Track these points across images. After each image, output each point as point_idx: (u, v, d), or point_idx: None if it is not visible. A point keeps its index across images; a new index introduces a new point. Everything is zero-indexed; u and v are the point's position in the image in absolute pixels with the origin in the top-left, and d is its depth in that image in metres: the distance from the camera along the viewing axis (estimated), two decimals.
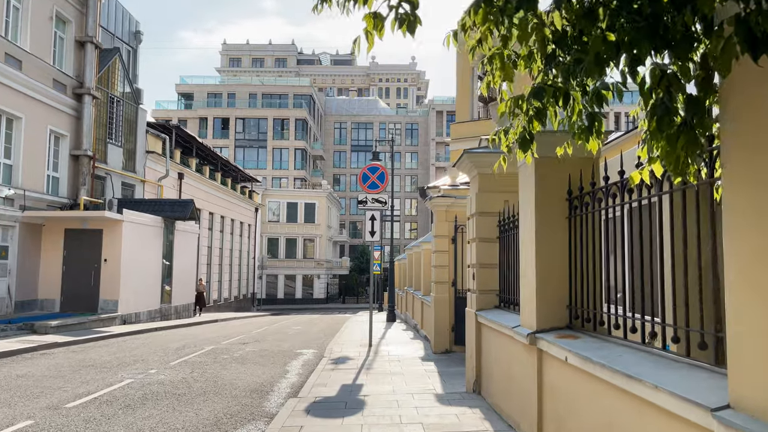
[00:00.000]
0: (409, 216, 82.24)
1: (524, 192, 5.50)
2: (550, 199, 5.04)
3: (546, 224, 5.03)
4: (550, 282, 4.99)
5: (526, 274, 5.35)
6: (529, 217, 5.22)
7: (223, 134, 71.08)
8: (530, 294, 5.17)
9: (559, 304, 4.97)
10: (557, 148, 3.77)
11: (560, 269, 4.97)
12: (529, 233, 5.24)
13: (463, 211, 12.56)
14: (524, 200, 5.50)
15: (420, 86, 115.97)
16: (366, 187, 13.55)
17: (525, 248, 5.41)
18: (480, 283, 7.74)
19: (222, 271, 36.49)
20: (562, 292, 4.97)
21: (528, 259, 5.27)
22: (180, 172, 28.09)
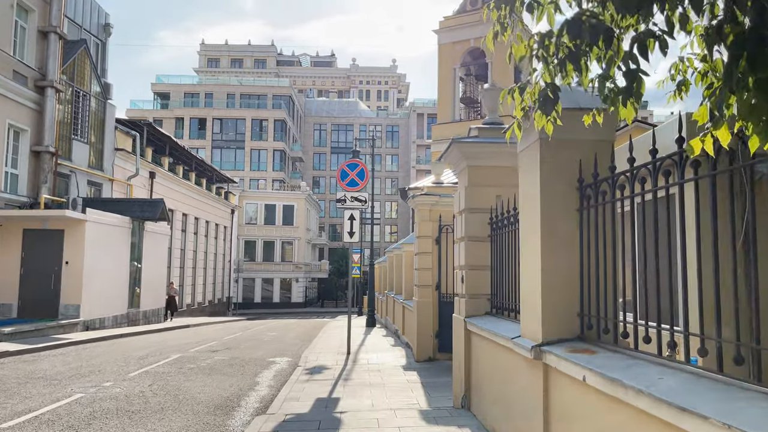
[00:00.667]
0: (389, 219, 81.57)
1: (526, 180, 4.74)
2: (558, 188, 4.28)
3: (553, 217, 4.27)
4: (557, 285, 4.23)
5: (529, 275, 4.59)
6: (533, 209, 4.46)
7: (200, 135, 69.72)
8: (534, 299, 4.41)
9: (569, 312, 4.22)
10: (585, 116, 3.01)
11: (570, 270, 4.22)
12: (532, 228, 4.48)
13: (447, 210, 11.83)
14: (526, 190, 4.74)
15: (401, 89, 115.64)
16: (345, 184, 12.75)
17: (527, 246, 4.65)
18: (469, 286, 6.98)
19: (196, 275, 35.34)
20: (572, 297, 4.22)
21: (531, 259, 4.51)
22: (151, 171, 26.98)
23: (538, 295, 4.31)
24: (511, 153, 7.18)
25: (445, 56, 42.06)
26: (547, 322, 4.23)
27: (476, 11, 40.90)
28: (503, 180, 7.01)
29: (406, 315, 14.32)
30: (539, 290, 4.28)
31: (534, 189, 4.45)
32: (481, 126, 7.20)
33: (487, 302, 6.94)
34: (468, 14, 40.92)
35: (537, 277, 4.33)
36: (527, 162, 4.71)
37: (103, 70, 24.46)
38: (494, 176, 7.02)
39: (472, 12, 40.97)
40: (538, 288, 4.29)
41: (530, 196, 4.58)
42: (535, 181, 4.44)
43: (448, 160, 7.52)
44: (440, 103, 42.51)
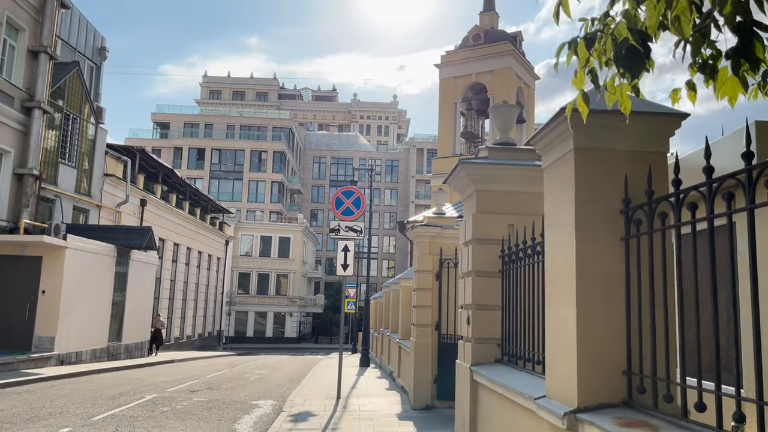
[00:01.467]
0: (387, 254, 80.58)
1: (555, 203, 3.87)
2: (597, 212, 3.41)
3: (591, 248, 3.39)
4: (598, 334, 3.32)
5: (558, 321, 3.68)
6: (564, 238, 3.59)
7: (198, 165, 69.25)
8: (565, 351, 3.49)
9: (612, 369, 3.30)
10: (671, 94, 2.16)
11: (613, 315, 3.32)
12: (563, 262, 3.59)
13: (449, 243, 10.95)
14: (555, 215, 3.86)
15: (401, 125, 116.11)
16: (339, 213, 11.89)
17: (555, 284, 3.75)
18: (477, 329, 6.04)
19: (186, 307, 34.18)
20: (616, 350, 3.30)
21: (561, 300, 3.61)
22: (143, 198, 26.14)
23: (571, 346, 3.39)
24: (527, 177, 6.36)
25: (446, 90, 41.74)
26: (585, 381, 3.30)
27: (478, 46, 40.78)
28: (517, 207, 6.16)
29: (403, 356, 13.29)
30: (573, 340, 3.36)
31: (566, 213, 3.57)
32: (492, 146, 6.38)
33: (497, 348, 6.00)
34: (470, 49, 40.76)
35: (570, 324, 3.42)
36: (557, 180, 3.84)
37: (96, 94, 23.87)
38: (506, 202, 6.17)
39: (474, 47, 40.82)
40: (572, 337, 3.37)
41: (560, 223, 3.70)
42: (567, 204, 3.56)
43: (454, 184, 6.67)
44: (441, 136, 42.00)
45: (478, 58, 40.16)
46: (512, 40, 40.85)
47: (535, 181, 6.28)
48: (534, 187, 6.26)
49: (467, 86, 40.95)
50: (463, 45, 41.68)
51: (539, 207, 6.44)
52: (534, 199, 6.31)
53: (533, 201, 6.32)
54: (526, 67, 41.99)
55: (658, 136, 3.47)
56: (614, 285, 3.35)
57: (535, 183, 6.25)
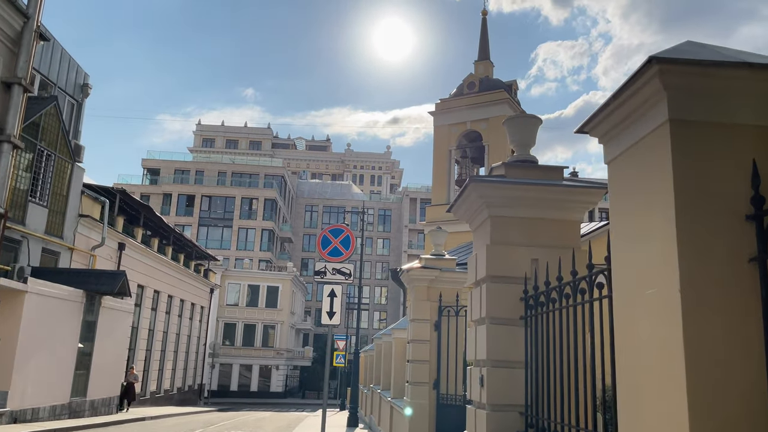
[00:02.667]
0: (378, 305, 78.76)
1: (635, 207, 2.62)
2: (711, 220, 2.19)
3: (705, 276, 2.14)
4: (721, 407, 2.04)
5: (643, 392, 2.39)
6: (653, 259, 2.34)
7: (187, 212, 68.01)
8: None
9: None
10: None
11: (743, 370, 2.05)
12: (653, 299, 2.33)
13: (450, 288, 9.65)
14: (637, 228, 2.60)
15: (394, 175, 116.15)
16: (326, 254, 10.60)
17: (635, 332, 2.48)
18: (493, 392, 4.70)
19: (165, 359, 32.23)
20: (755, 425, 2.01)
21: (647, 357, 2.33)
22: (121, 242, 24.74)
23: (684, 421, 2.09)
24: (555, 201, 5.13)
25: (440, 138, 41.15)
26: None
27: (473, 94, 40.48)
28: (542, 237, 4.94)
29: (396, 419, 11.74)
30: (685, 412, 2.06)
31: (659, 224, 2.32)
32: (510, 163, 5.19)
33: (520, 417, 4.65)
34: (465, 97, 40.41)
35: (679, 389, 2.13)
36: (637, 174, 2.59)
37: (76, 132, 22.80)
38: (529, 232, 4.95)
39: (469, 95, 40.50)
40: (683, 410, 2.08)
41: (647, 237, 2.44)
42: (659, 207, 2.32)
43: (462, 210, 5.44)
44: (435, 184, 41.17)
45: (473, 105, 39.75)
46: (507, 88, 40.60)
47: (566, 206, 5.07)
48: (564, 212, 5.05)
49: (462, 134, 40.41)
50: (458, 93, 41.37)
51: (570, 238, 5.22)
52: (564, 228, 5.09)
53: (563, 230, 5.09)
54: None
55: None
56: (742, 328, 2.08)
57: (565, 208, 5.05)
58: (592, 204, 5.06)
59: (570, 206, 5.01)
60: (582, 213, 5.09)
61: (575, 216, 5.07)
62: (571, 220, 5.07)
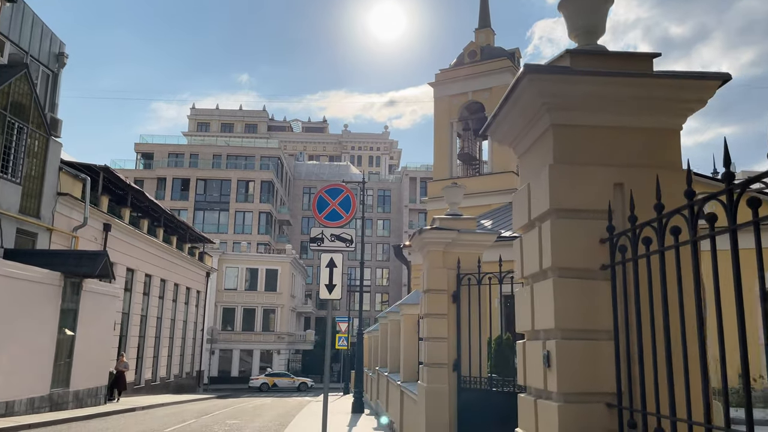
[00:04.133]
0: (380, 286, 77.64)
1: None
2: None
3: None
4: None
5: None
6: None
7: (182, 196, 66.48)
8: None
9: None
10: None
11: None
12: None
13: (470, 252, 8.17)
14: None
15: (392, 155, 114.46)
16: (323, 218, 9.11)
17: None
18: (567, 375, 3.22)
19: (160, 345, 30.90)
20: None
21: None
22: (106, 222, 23.23)
23: None
24: (647, 100, 3.63)
25: (441, 110, 39.45)
26: None
27: (474, 63, 38.73)
28: (628, 154, 3.46)
29: (407, 405, 10.33)
30: None
31: None
32: (576, 50, 3.65)
33: (608, 411, 3.18)
34: (466, 66, 38.66)
35: None
36: None
37: (53, 104, 21.19)
38: (610, 146, 3.45)
39: (471, 64, 38.76)
40: None
41: None
42: None
43: (505, 124, 3.91)
44: (436, 159, 39.53)
45: (474, 75, 38.04)
46: (510, 56, 38.85)
47: (662, 108, 3.53)
48: (659, 117, 3.52)
49: (463, 105, 38.72)
50: (459, 62, 39.62)
51: (667, 153, 3.72)
52: (658, 140, 3.60)
53: (657, 142, 3.61)
54: None
55: None
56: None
57: (661, 110, 3.49)
58: (700, 103, 3.54)
59: (668, 108, 3.49)
60: (683, 118, 3.56)
61: (674, 122, 3.55)
62: (669, 129, 3.56)
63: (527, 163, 3.97)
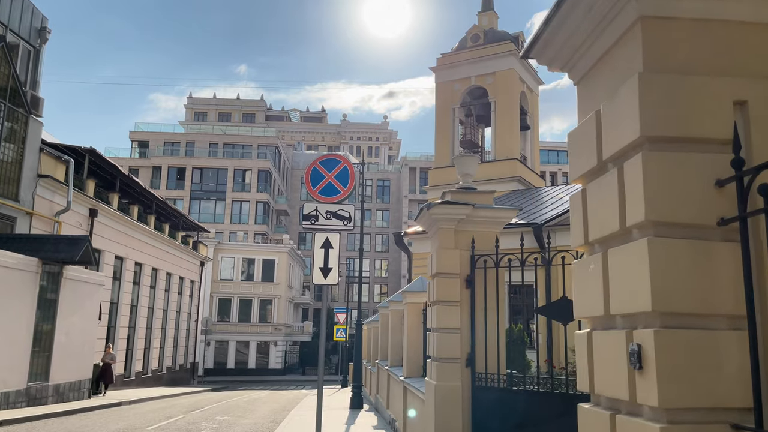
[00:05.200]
0: (378, 278, 76.76)
1: None
2: None
3: None
4: None
5: None
6: None
7: (178, 185, 65.31)
8: None
9: None
10: None
11: None
12: None
13: (486, 231, 7.11)
14: None
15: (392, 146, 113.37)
16: (317, 192, 8.02)
17: None
18: (670, 380, 2.15)
19: (152, 336, 29.85)
20: None
21: None
22: (93, 207, 22.11)
23: None
24: None
25: (443, 95, 38.22)
26: None
27: (477, 47, 37.51)
28: (750, 58, 2.38)
29: (412, 403, 9.27)
30: None
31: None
32: None
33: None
34: (469, 50, 37.43)
35: None
36: None
37: (34, 82, 19.99)
38: (722, 47, 2.38)
39: (474, 48, 37.54)
40: None
41: None
42: None
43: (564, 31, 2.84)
44: (438, 146, 38.32)
45: (477, 59, 36.80)
46: (514, 40, 37.62)
47: None
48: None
49: (466, 90, 37.52)
50: (461, 46, 38.37)
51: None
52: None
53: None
54: (529, 70, 38.66)
55: None
56: None
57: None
58: None
59: None
60: None
61: None
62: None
63: (593, 84, 2.87)
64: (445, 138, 37.76)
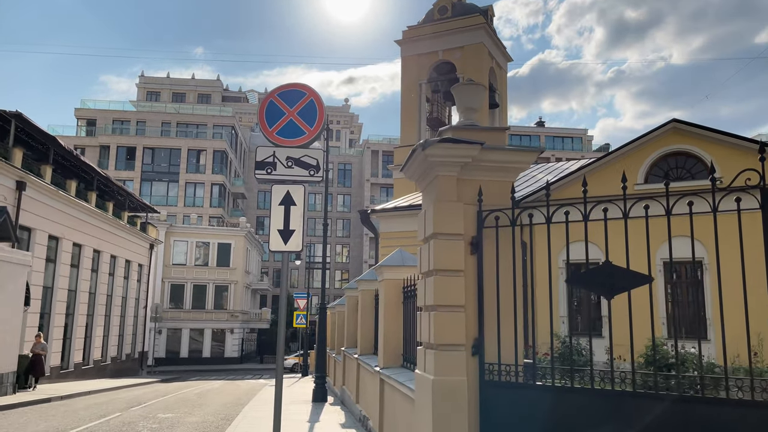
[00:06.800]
0: (340, 263, 75.10)
1: None
2: None
3: None
4: None
5: None
6: None
7: (128, 165, 61.95)
8: None
9: None
10: None
11: None
12: None
13: (498, 181, 5.45)
14: None
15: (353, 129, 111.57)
16: (275, 133, 6.19)
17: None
18: None
19: (94, 324, 27.41)
20: None
21: None
22: (20, 179, 19.62)
23: None
24: None
25: (409, 70, 36.46)
26: None
27: (445, 20, 35.89)
28: None
29: (393, 402, 7.56)
30: None
31: None
32: None
33: None
34: (436, 23, 35.76)
35: None
36: None
37: None
38: None
39: (441, 21, 35.88)
40: None
41: None
42: None
43: None
44: (404, 123, 36.55)
45: (445, 32, 35.21)
46: (483, 13, 36.20)
47: None
48: None
49: (433, 66, 35.86)
50: (428, 19, 36.71)
51: None
52: None
53: None
54: (498, 45, 37.30)
55: None
56: None
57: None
58: None
59: None
60: None
61: None
62: None
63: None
64: (411, 115, 36.11)
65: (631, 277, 4.69)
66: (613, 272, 4.72)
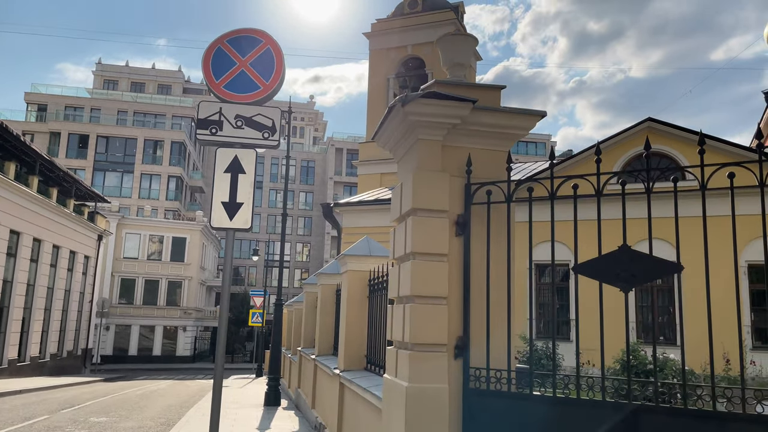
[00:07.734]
0: (300, 262, 73.68)
1: None
2: None
3: None
4: None
5: None
6: None
7: (80, 154, 59.23)
8: None
9: None
10: None
11: None
12: None
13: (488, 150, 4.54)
14: None
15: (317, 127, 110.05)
16: (222, 87, 5.15)
17: None
18: None
19: (31, 318, 25.55)
20: None
21: None
22: None
23: None
24: None
25: (377, 64, 35.58)
26: None
27: (415, 14, 35.13)
28: None
29: (360, 413, 6.56)
30: None
31: None
32: None
33: None
34: (406, 17, 34.96)
35: None
36: None
37: None
38: None
39: (411, 15, 35.12)
40: None
41: None
42: None
43: None
44: (370, 118, 35.54)
45: (415, 27, 34.46)
46: (454, 9, 35.60)
47: None
48: None
49: (402, 60, 35.05)
50: (398, 12, 35.88)
51: None
52: None
53: None
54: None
55: None
56: None
57: None
58: None
59: None
60: None
61: None
62: None
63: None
64: (379, 110, 35.04)
65: (656, 265, 3.83)
66: (634, 259, 3.85)
